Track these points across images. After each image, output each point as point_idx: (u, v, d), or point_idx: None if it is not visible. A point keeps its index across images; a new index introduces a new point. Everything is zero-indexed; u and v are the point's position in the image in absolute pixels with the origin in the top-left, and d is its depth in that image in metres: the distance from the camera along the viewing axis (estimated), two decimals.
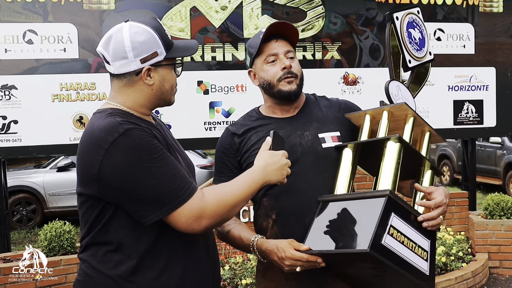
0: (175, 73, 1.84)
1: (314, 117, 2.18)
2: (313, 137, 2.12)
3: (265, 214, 2.14)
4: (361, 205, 1.88)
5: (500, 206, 5.86)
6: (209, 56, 5.35)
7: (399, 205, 1.84)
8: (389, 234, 1.76)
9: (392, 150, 1.96)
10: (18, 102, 4.94)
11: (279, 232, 2.08)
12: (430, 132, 2.14)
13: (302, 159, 2.08)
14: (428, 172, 2.10)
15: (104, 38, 1.74)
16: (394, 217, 1.80)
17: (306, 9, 5.60)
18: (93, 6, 5.10)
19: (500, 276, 5.76)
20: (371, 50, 5.81)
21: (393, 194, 1.83)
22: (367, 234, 1.72)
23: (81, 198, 1.72)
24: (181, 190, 1.64)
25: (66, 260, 4.46)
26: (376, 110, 2.09)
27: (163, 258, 1.71)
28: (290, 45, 2.16)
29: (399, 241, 1.79)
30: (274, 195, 2.10)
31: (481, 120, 6.24)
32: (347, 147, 2.09)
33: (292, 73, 2.11)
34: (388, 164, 1.95)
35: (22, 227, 9.25)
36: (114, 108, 1.74)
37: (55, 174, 9.61)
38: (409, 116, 2.06)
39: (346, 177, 2.06)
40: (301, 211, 2.05)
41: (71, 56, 5.05)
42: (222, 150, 2.22)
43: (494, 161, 11.49)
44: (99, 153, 1.61)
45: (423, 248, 1.89)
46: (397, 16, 2.20)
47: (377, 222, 1.74)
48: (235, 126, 2.23)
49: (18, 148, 4.97)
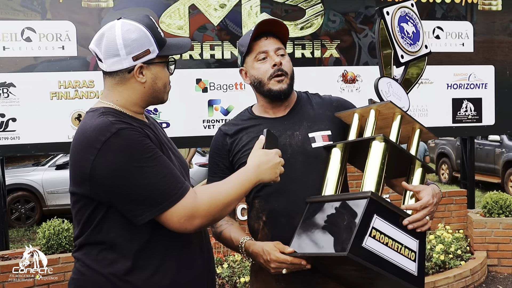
0: (168, 71, 1.83)
1: (305, 116, 2.16)
2: (303, 137, 2.11)
3: (256, 216, 2.13)
4: (344, 206, 1.87)
5: (498, 204, 5.87)
6: (208, 54, 5.34)
7: (383, 206, 1.82)
8: (370, 236, 1.74)
9: (376, 150, 1.94)
10: (16, 100, 4.92)
11: (269, 234, 2.08)
12: (420, 129, 2.12)
13: (292, 159, 2.07)
14: (419, 170, 2.07)
15: (97, 35, 1.75)
16: (377, 218, 1.78)
17: (305, 7, 5.60)
18: (91, 3, 5.08)
19: (499, 274, 5.77)
20: (370, 48, 5.80)
21: (375, 195, 1.81)
22: (348, 236, 1.72)
23: (74, 197, 1.73)
24: (173, 189, 1.64)
25: (65, 258, 4.45)
26: (364, 108, 2.08)
27: (156, 258, 1.71)
28: (280, 42, 2.15)
29: (382, 243, 1.77)
30: (264, 196, 2.10)
31: (480, 118, 6.23)
32: (336, 147, 2.07)
33: (282, 70, 2.10)
34: (372, 165, 1.93)
35: (20, 225, 9.25)
36: (106, 107, 1.74)
37: (53, 172, 9.60)
38: (397, 114, 2.05)
39: (334, 178, 2.05)
40: (291, 212, 2.04)
41: (70, 54, 5.03)
42: (215, 150, 2.22)
43: (493, 159, 11.50)
44: (91, 153, 1.61)
45: (410, 249, 1.86)
46: (387, 11, 2.17)
47: (358, 224, 1.73)
48: (227, 126, 2.23)
49: (17, 146, 4.96)
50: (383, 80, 2.13)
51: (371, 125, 2.05)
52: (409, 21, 2.25)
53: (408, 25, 2.24)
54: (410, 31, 2.24)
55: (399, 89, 2.19)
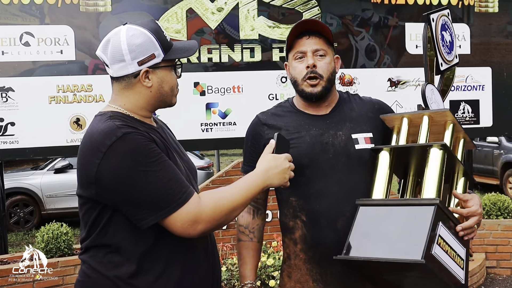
0: (176, 74, 1.84)
1: (347, 117, 2.12)
2: (346, 138, 2.07)
3: (293, 214, 2.10)
4: (407, 212, 1.83)
5: (497, 206, 5.88)
6: (205, 58, 5.36)
7: (445, 215, 1.82)
8: (437, 243, 1.74)
9: (436, 157, 1.91)
10: (15, 104, 4.93)
11: (308, 234, 2.06)
12: (464, 139, 2.10)
13: (334, 159, 2.04)
14: (462, 179, 2.06)
15: (103, 41, 1.76)
16: (442, 227, 1.78)
17: (302, 10, 5.61)
18: (89, 8, 5.10)
19: (498, 276, 5.78)
20: (367, 50, 5.82)
21: (441, 203, 1.80)
22: (418, 243, 1.70)
23: (80, 200, 1.75)
24: (177, 194, 1.64)
25: (64, 262, 4.46)
26: (416, 114, 2.03)
27: (161, 261, 1.72)
28: (324, 42, 2.09)
29: (444, 251, 1.77)
30: (304, 195, 2.06)
31: (478, 120, 6.25)
32: (384, 150, 2.03)
33: (315, 72, 2.06)
34: (432, 172, 1.90)
35: (19, 229, 9.25)
36: (114, 111, 1.76)
37: (52, 176, 9.59)
38: (449, 122, 2.01)
39: (383, 181, 1.99)
40: (333, 214, 2.01)
41: (68, 58, 5.05)
42: (250, 138, 2.20)
43: (491, 161, 11.50)
44: (97, 156, 1.62)
45: (460, 257, 1.87)
46: (432, 18, 2.14)
47: (428, 231, 1.71)
48: (265, 115, 2.20)
49: (15, 150, 4.97)
50: (428, 86, 2.11)
51: (424, 131, 2.01)
52: (447, 30, 2.23)
53: (447, 33, 2.22)
54: (447, 39, 2.22)
55: (438, 96, 2.17)
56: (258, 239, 2.18)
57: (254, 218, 2.18)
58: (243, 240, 2.16)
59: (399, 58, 5.99)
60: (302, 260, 2.09)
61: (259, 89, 5.48)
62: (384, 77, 5.93)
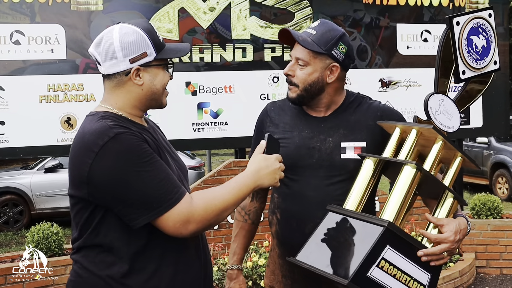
0: (167, 73, 1.85)
1: (343, 123, 2.10)
2: (334, 145, 2.06)
3: (272, 210, 2.18)
4: (360, 228, 1.80)
5: (486, 206, 5.91)
6: (197, 57, 5.35)
7: (398, 237, 1.75)
8: (378, 266, 1.69)
9: (406, 176, 1.84)
10: (5, 103, 4.90)
11: (280, 232, 2.13)
12: (461, 158, 1.98)
13: (317, 165, 2.06)
14: (449, 201, 1.94)
15: (96, 39, 1.78)
16: (389, 249, 1.72)
17: (294, 10, 5.62)
18: (81, 7, 5.08)
19: (487, 276, 5.81)
20: (359, 51, 5.84)
21: (392, 225, 1.74)
22: (354, 263, 1.68)
23: (72, 200, 1.74)
24: (169, 194, 1.65)
25: (54, 262, 4.44)
26: (407, 126, 1.98)
27: (153, 261, 1.73)
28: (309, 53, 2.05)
29: (389, 274, 1.72)
30: (282, 194, 2.12)
31: (468, 121, 6.29)
32: (368, 159, 1.98)
33: (289, 81, 2.09)
34: (397, 191, 1.84)
35: (9, 229, 9.18)
36: (106, 112, 1.76)
37: (42, 175, 9.53)
38: (438, 139, 1.93)
39: (359, 192, 1.95)
40: (304, 217, 2.04)
41: (59, 57, 5.02)
42: (257, 125, 2.26)
43: (481, 161, 11.56)
44: (89, 156, 1.63)
45: (420, 282, 1.79)
46: (458, 21, 1.99)
47: (367, 253, 1.68)
48: (273, 107, 2.24)
49: (5, 150, 4.94)
50: (435, 96, 1.98)
51: (408, 146, 1.94)
52: (481, 34, 2.05)
53: (479, 38, 2.05)
54: (479, 45, 2.05)
55: (452, 107, 2.04)
56: (253, 220, 2.26)
57: (252, 200, 2.25)
58: (238, 220, 2.26)
59: (390, 58, 6.01)
60: (277, 254, 2.19)
61: (251, 89, 5.48)
62: (376, 78, 5.95)
